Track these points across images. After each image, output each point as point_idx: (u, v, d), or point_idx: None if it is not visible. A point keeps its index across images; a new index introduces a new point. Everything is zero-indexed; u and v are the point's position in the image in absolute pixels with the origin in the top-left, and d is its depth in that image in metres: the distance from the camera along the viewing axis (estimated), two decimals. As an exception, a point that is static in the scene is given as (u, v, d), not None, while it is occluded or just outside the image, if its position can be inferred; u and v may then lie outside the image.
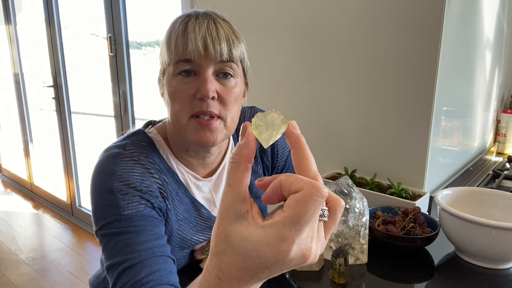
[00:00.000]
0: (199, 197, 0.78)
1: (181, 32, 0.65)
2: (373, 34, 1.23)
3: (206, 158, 0.78)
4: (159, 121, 0.80)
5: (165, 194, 0.70)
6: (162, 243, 0.63)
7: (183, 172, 0.76)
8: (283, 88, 1.52)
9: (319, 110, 1.42)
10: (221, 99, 0.67)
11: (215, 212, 0.80)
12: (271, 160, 0.89)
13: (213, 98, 0.66)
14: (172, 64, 0.67)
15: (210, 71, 0.65)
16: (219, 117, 0.68)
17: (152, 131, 0.76)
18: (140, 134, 0.74)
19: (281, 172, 0.92)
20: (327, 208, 0.34)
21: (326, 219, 0.34)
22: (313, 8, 1.37)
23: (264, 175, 0.89)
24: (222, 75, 0.68)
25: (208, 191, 0.80)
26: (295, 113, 1.50)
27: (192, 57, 0.64)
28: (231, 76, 0.68)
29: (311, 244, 0.32)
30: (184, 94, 0.66)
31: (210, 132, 0.67)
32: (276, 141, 0.79)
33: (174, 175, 0.74)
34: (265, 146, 0.35)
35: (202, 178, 0.78)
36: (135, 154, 0.67)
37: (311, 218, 0.31)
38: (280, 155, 0.89)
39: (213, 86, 0.65)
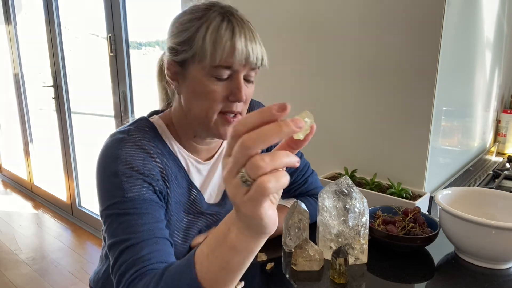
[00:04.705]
0: (196, 180, 0.82)
1: (229, 39, 0.66)
2: (373, 34, 1.23)
3: (211, 144, 0.83)
4: (162, 111, 0.84)
5: (166, 178, 0.73)
6: (162, 226, 0.67)
7: (184, 156, 0.80)
8: (283, 88, 1.52)
9: (319, 110, 1.42)
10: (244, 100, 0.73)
11: (205, 193, 0.84)
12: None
13: None
14: (209, 64, 0.67)
15: (242, 76, 0.70)
16: (240, 113, 0.74)
17: (154, 118, 0.80)
18: (143, 120, 0.77)
19: None
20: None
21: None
22: (313, 9, 1.37)
23: None
24: (247, 78, 0.72)
25: (206, 174, 0.84)
26: (295, 113, 1.50)
27: (234, 66, 0.67)
28: (253, 79, 0.74)
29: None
30: (218, 95, 0.69)
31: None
32: None
33: (175, 159, 0.78)
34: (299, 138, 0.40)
35: (203, 162, 0.83)
36: (138, 139, 0.71)
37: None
38: None
39: (245, 90, 0.70)
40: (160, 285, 0.54)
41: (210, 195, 0.86)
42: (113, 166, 0.67)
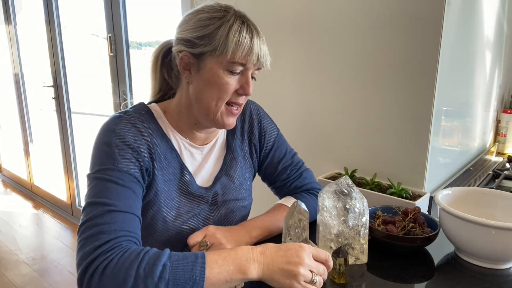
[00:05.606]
0: (189, 164, 0.88)
1: (248, 41, 0.76)
2: (373, 34, 1.23)
3: (209, 133, 0.91)
4: (160, 101, 0.90)
5: (153, 156, 0.80)
6: (138, 206, 0.74)
7: (177, 140, 0.86)
8: (284, 88, 1.52)
9: (320, 110, 1.42)
10: None
11: (198, 177, 0.89)
12: (259, 140, 0.98)
13: None
14: (227, 60, 0.76)
15: (250, 73, 0.80)
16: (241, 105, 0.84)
17: (152, 104, 0.88)
18: (141, 105, 0.86)
19: (269, 152, 0.99)
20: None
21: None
22: (313, 9, 1.37)
23: (252, 154, 0.98)
24: (252, 75, 0.82)
25: (200, 159, 0.90)
26: (296, 113, 1.50)
27: (247, 64, 0.77)
28: (256, 76, 0.84)
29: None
30: (230, 88, 0.78)
31: (234, 119, 0.84)
32: (263, 123, 0.97)
33: (167, 140, 0.84)
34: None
35: (197, 146, 0.89)
36: (133, 119, 0.79)
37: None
38: (267, 136, 0.98)
39: (251, 86, 0.81)
40: (169, 264, 0.61)
41: (202, 179, 0.90)
42: (108, 137, 0.75)
